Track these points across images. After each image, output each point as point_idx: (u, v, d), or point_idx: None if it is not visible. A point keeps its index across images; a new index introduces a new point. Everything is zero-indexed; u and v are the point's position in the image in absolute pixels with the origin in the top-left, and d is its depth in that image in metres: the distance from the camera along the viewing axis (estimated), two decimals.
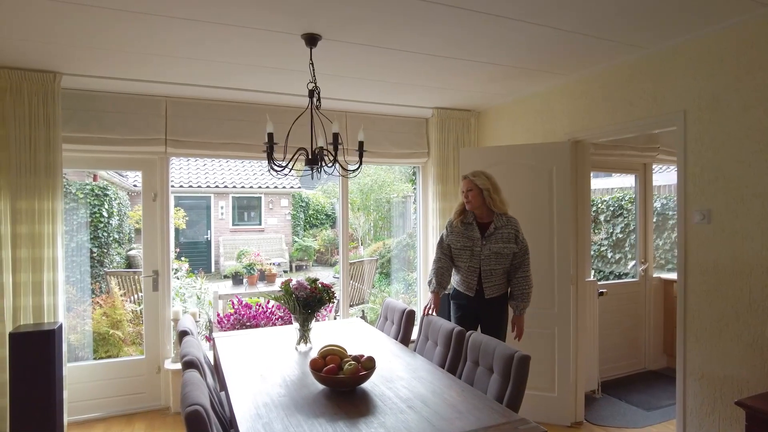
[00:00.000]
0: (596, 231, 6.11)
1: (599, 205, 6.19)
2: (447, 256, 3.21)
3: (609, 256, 6.04)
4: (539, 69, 3.41)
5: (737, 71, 2.56)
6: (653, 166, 5.05)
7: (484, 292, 3.05)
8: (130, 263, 7.31)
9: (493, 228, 3.06)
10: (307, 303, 2.77)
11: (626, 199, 5.96)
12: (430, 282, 3.25)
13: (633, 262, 5.18)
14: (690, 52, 2.80)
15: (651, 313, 4.85)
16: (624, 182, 6.43)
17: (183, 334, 2.73)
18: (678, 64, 2.87)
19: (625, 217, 5.93)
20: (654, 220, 5.12)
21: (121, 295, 4.97)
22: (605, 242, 6.09)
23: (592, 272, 5.23)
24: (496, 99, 4.30)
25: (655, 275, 4.95)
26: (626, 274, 5.60)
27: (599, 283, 4.53)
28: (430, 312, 3.15)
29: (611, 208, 6.08)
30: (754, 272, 2.52)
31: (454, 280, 3.23)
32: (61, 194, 3.42)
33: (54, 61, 3.16)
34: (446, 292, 4.37)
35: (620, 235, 5.94)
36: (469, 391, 2.22)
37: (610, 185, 6.78)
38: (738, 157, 2.57)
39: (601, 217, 6.15)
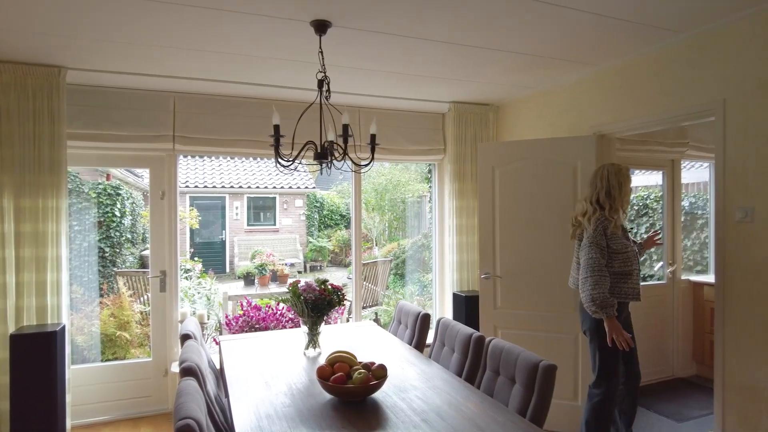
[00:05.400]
0: None
1: None
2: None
3: None
4: (565, 58, 3.21)
5: None
6: (681, 163, 4.80)
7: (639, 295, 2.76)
8: (143, 263, 7.27)
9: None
10: (315, 305, 2.62)
11: (651, 197, 5.70)
12: (603, 305, 2.59)
13: (659, 264, 4.93)
14: (733, 34, 2.57)
15: (680, 317, 4.60)
16: (649, 180, 6.17)
17: (185, 337, 2.60)
18: (718, 49, 2.65)
19: (650, 217, 5.67)
20: (682, 219, 4.86)
21: (129, 296, 4.89)
22: None
23: None
24: (516, 92, 4.10)
25: (683, 277, 4.69)
26: (651, 276, 5.34)
27: None
28: (627, 344, 2.61)
29: (635, 207, 5.82)
30: None
31: (592, 308, 2.66)
32: (66, 192, 3.33)
33: (58, 54, 3.07)
34: (462, 294, 4.21)
35: (645, 236, 5.68)
36: (488, 403, 2.04)
37: (633, 183, 6.51)
38: None
39: None
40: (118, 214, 5.86)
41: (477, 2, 2.36)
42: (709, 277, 4.50)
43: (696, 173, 6.18)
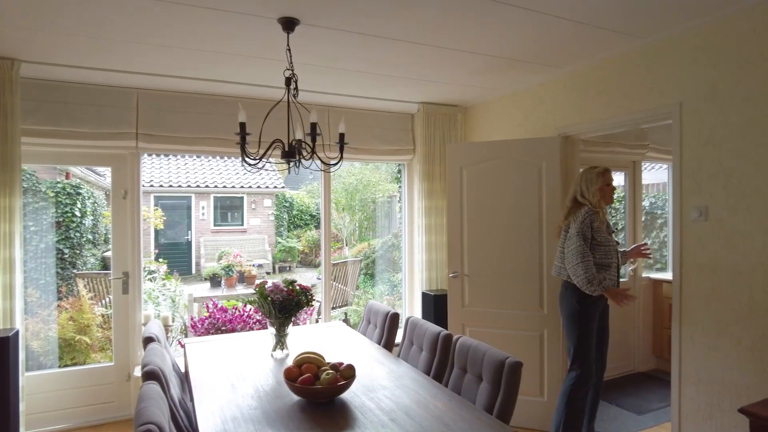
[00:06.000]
0: None
1: None
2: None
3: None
4: (531, 61, 3.27)
5: (738, 61, 2.45)
6: (642, 164, 4.96)
7: (618, 285, 3.00)
8: (105, 265, 7.04)
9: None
10: (283, 306, 2.58)
11: (614, 197, 5.87)
12: (599, 282, 2.80)
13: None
14: (688, 41, 2.68)
15: (640, 313, 4.75)
16: None
17: (148, 340, 2.52)
18: (675, 54, 2.75)
19: (612, 216, 5.84)
20: (642, 219, 5.03)
21: (90, 299, 4.72)
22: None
23: None
24: (484, 94, 4.15)
25: (644, 275, 4.85)
26: None
27: None
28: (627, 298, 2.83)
29: None
30: (756, 272, 2.40)
31: (589, 289, 2.84)
32: (20, 191, 3.19)
33: (10, 46, 2.93)
34: (431, 293, 4.24)
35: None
36: (456, 400, 2.06)
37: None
38: (738, 151, 2.45)
39: None
40: (78, 214, 5.65)
41: (445, 3, 2.38)
42: (668, 275, 4.67)
43: (656, 174, 6.41)
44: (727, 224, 2.51)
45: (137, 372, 3.74)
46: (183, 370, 2.89)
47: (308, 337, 3.13)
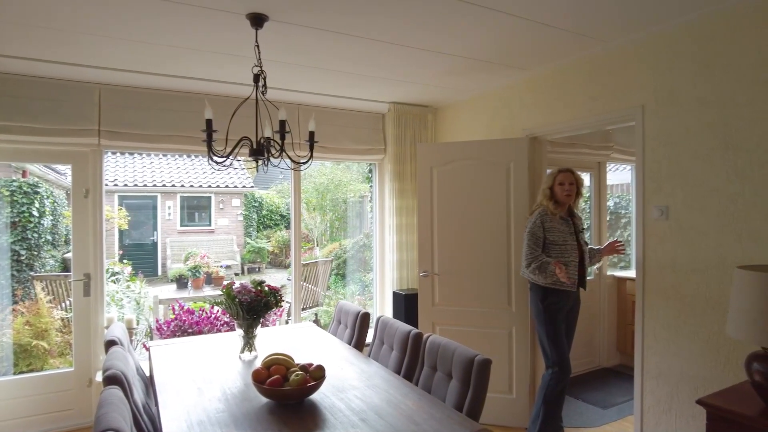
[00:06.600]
0: None
1: None
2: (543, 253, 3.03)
3: None
4: (500, 62, 3.32)
5: (695, 66, 2.54)
6: (607, 165, 5.10)
7: (584, 283, 3.13)
8: (66, 266, 6.79)
9: (577, 220, 3.18)
10: (251, 308, 2.54)
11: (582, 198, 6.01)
12: (544, 266, 2.93)
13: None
14: (650, 46, 2.77)
15: (605, 311, 4.88)
16: None
17: (110, 343, 2.44)
18: (638, 58, 2.84)
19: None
20: (607, 218, 5.17)
21: (48, 302, 4.53)
22: None
23: None
24: (454, 95, 4.19)
25: (608, 273, 4.99)
26: None
27: None
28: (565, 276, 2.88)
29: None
30: (710, 269, 2.50)
31: (546, 279, 2.99)
32: None
33: None
34: (401, 292, 4.25)
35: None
36: (426, 399, 2.06)
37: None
38: (695, 152, 2.55)
39: None
40: (36, 213, 5.41)
41: (416, 3, 2.38)
42: (632, 273, 4.81)
43: (620, 175, 6.60)
44: (685, 223, 2.61)
45: (99, 377, 3.61)
46: (148, 373, 2.81)
47: (277, 338, 3.08)
